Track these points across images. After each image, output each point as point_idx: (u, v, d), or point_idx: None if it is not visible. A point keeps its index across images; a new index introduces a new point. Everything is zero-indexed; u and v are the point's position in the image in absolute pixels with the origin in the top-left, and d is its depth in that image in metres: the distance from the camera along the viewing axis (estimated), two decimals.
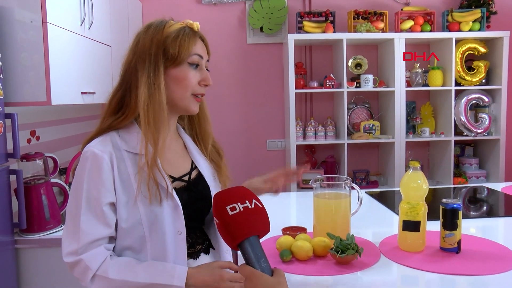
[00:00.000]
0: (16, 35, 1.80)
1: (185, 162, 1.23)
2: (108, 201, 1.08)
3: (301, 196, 2.52)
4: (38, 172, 1.97)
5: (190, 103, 1.16)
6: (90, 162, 1.08)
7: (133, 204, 1.09)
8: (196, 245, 1.20)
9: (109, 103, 1.17)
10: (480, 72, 3.44)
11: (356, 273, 1.33)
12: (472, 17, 3.39)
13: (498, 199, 2.35)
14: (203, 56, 1.16)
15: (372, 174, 3.70)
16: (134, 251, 1.12)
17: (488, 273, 1.29)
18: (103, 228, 1.08)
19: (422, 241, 1.48)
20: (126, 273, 1.07)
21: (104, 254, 1.08)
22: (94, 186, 1.07)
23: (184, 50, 1.11)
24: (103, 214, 1.08)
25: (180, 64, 1.12)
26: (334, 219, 1.56)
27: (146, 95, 1.09)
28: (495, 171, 3.52)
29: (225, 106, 3.66)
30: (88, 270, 1.06)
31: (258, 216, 0.86)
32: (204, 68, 1.17)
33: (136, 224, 1.09)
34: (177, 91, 1.14)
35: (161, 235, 1.10)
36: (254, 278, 0.82)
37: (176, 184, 1.17)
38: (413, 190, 1.49)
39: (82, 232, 1.06)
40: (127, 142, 1.12)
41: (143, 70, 1.11)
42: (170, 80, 1.13)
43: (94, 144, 1.11)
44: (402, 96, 3.39)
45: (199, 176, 1.23)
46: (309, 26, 3.37)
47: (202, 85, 1.16)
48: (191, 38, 1.13)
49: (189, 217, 1.15)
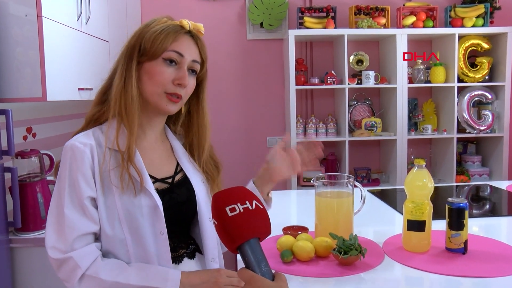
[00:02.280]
0: (10, 29, 1.76)
1: (170, 164, 1.20)
2: (89, 195, 1.06)
3: (302, 194, 2.48)
4: (33, 169, 1.94)
5: (161, 101, 1.11)
6: (70, 155, 1.07)
7: (111, 201, 1.06)
8: (179, 249, 1.16)
9: (96, 94, 1.18)
10: (483, 68, 3.40)
11: (359, 274, 1.29)
12: (476, 13, 3.35)
13: (501, 197, 2.31)
14: (184, 55, 1.11)
15: (373, 171, 3.67)
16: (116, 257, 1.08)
17: (496, 275, 1.25)
18: (88, 222, 1.05)
19: (428, 242, 1.45)
20: (118, 274, 1.03)
21: (95, 253, 1.05)
22: (76, 179, 1.05)
23: (158, 45, 1.08)
24: (86, 208, 1.05)
25: (154, 59, 1.09)
26: (336, 219, 1.52)
27: (119, 87, 1.09)
28: (498, 169, 3.48)
29: (224, 103, 3.63)
30: (78, 269, 1.02)
31: (259, 218, 0.81)
32: (183, 67, 1.11)
33: (115, 225, 1.06)
34: (149, 86, 1.11)
35: (142, 237, 1.06)
36: (254, 283, 0.78)
37: (157, 185, 1.14)
38: (418, 189, 1.45)
39: (67, 227, 1.03)
40: (109, 137, 1.10)
41: (121, 62, 1.12)
42: (144, 74, 1.11)
43: (76, 138, 1.10)
44: (404, 93, 3.35)
45: (184, 180, 1.20)
46: (310, 22, 3.33)
47: (176, 85, 1.10)
48: (171, 34, 1.09)
49: (171, 220, 1.11)
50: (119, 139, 1.08)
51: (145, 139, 1.17)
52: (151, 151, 1.17)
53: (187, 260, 1.17)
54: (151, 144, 1.18)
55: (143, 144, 1.16)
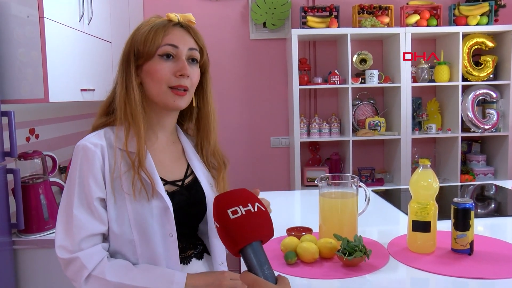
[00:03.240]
0: (12, 30, 1.76)
1: (181, 166, 1.20)
2: (98, 195, 1.06)
3: (306, 194, 2.47)
4: (36, 171, 1.93)
5: (167, 98, 1.10)
6: (81, 156, 1.07)
7: (122, 203, 1.06)
8: (188, 250, 1.16)
9: (101, 106, 1.18)
10: (487, 67, 3.37)
11: (364, 276, 1.28)
12: (480, 11, 3.32)
13: (507, 197, 2.30)
14: (178, 46, 1.10)
15: (377, 171, 3.65)
16: (124, 257, 1.08)
17: (503, 277, 1.23)
18: (96, 223, 1.05)
19: (433, 242, 1.43)
20: (123, 276, 1.03)
21: (101, 254, 1.05)
22: (86, 180, 1.05)
23: (150, 44, 1.08)
24: (95, 208, 1.05)
25: (150, 58, 1.09)
26: (341, 219, 1.51)
27: (122, 94, 1.09)
28: (503, 168, 3.46)
29: (228, 103, 3.62)
30: (84, 269, 1.02)
31: (261, 220, 0.80)
32: (182, 58, 1.10)
33: (124, 226, 1.06)
34: (153, 87, 1.10)
35: (151, 238, 1.06)
36: (257, 286, 0.77)
37: (167, 188, 1.14)
38: (423, 189, 1.43)
39: (75, 227, 1.03)
40: (120, 139, 1.10)
41: (120, 70, 1.12)
42: (145, 76, 1.11)
43: (87, 138, 1.10)
44: (408, 92, 3.33)
45: (194, 182, 1.19)
46: (313, 21, 3.32)
47: (179, 76, 1.09)
48: (160, 30, 1.09)
49: (180, 222, 1.11)
50: (129, 144, 1.08)
51: (156, 141, 1.17)
52: (162, 153, 1.17)
53: (195, 260, 1.17)
54: (162, 146, 1.18)
55: (155, 146, 1.16)
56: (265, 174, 3.69)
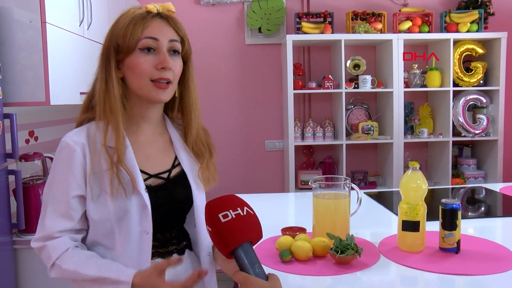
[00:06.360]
0: (14, 35, 1.80)
1: (167, 158, 1.19)
2: (76, 193, 1.08)
3: (300, 196, 2.51)
4: (36, 172, 1.97)
5: (150, 91, 1.09)
6: (62, 153, 1.09)
7: (103, 198, 1.08)
8: (169, 245, 1.17)
9: (83, 102, 1.18)
10: (478, 73, 3.45)
11: (355, 273, 1.33)
12: (470, 18, 3.40)
13: (496, 199, 2.35)
14: (158, 38, 1.08)
15: (370, 174, 3.71)
16: (105, 247, 1.11)
17: (488, 273, 1.29)
18: (65, 222, 1.08)
19: (422, 241, 1.48)
20: (80, 265, 1.05)
21: (67, 244, 1.08)
22: (64, 178, 1.08)
23: (130, 38, 1.06)
24: (68, 207, 1.07)
25: (130, 52, 1.08)
26: (333, 219, 1.56)
27: (101, 90, 1.09)
28: (493, 172, 3.53)
29: (223, 107, 3.66)
30: (50, 258, 1.07)
31: (250, 223, 0.86)
32: (162, 50, 1.08)
33: (104, 219, 1.08)
34: (135, 81, 1.09)
35: (128, 233, 1.08)
36: (249, 284, 0.82)
37: (151, 181, 1.13)
38: (413, 190, 1.49)
39: (46, 225, 1.08)
40: (100, 134, 1.09)
41: (100, 66, 1.12)
42: (126, 70, 1.10)
43: (70, 135, 1.11)
44: (400, 97, 3.39)
45: (180, 175, 1.19)
46: (308, 27, 3.37)
47: (160, 69, 1.07)
48: (139, 23, 1.07)
49: (163, 216, 1.13)
50: (108, 140, 1.08)
51: (141, 134, 1.16)
52: (147, 145, 1.16)
53: (176, 256, 1.17)
54: (147, 138, 1.17)
55: (139, 139, 1.16)
56: (260, 177, 3.73)
